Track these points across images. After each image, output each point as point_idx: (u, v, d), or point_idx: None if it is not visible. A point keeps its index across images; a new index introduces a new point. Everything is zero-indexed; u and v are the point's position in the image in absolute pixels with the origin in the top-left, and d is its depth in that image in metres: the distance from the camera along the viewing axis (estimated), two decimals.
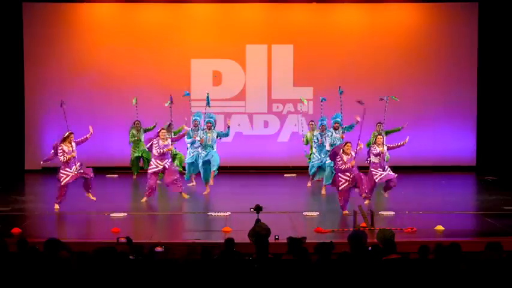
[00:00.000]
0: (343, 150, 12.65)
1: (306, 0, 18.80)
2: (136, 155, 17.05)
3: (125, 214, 12.68)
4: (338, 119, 15.23)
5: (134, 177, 17.14)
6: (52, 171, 18.42)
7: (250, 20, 18.96)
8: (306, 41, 18.83)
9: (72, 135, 13.38)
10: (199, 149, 14.95)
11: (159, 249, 7.90)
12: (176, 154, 16.12)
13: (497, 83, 18.75)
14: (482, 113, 18.88)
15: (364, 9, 18.86)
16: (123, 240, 8.15)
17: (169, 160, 14.20)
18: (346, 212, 12.53)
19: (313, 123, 16.35)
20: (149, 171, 14.11)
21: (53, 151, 13.34)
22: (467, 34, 18.74)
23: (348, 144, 12.73)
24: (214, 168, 14.89)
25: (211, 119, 15.04)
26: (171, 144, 14.18)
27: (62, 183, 13.15)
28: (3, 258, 7.11)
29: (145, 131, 16.87)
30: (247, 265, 7.13)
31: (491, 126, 18.82)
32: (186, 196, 14.26)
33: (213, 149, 14.97)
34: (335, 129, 15.16)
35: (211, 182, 14.96)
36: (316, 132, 15.44)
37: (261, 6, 18.88)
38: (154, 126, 16.58)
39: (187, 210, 13.92)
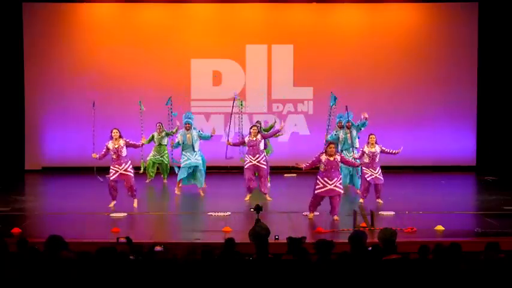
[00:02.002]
0: (325, 151, 12.07)
1: (306, 0, 18.81)
2: (152, 160, 16.40)
3: (125, 214, 12.69)
4: (350, 119, 15.12)
5: (147, 180, 16.43)
6: (52, 171, 18.56)
7: (250, 20, 18.96)
8: (306, 41, 18.83)
9: (115, 132, 13.31)
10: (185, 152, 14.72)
11: (158, 248, 7.89)
12: None
13: (497, 83, 18.76)
14: (482, 113, 18.88)
15: (364, 9, 18.86)
16: (123, 240, 8.14)
17: (262, 156, 14.10)
18: (312, 215, 12.22)
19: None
20: (245, 166, 14.09)
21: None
22: (467, 34, 18.74)
23: (331, 145, 12.15)
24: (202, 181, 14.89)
25: (190, 120, 14.86)
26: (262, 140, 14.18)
27: (110, 179, 13.22)
28: (3, 258, 7.11)
29: (168, 134, 16.18)
30: (248, 265, 7.13)
31: (491, 126, 18.83)
32: (269, 199, 14.03)
33: (194, 149, 14.65)
34: (347, 127, 14.92)
35: (204, 185, 14.93)
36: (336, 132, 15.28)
37: (261, 6, 18.88)
38: (176, 130, 15.95)
39: (187, 210, 13.92)
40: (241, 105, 15.88)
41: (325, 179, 12.05)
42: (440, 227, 11.30)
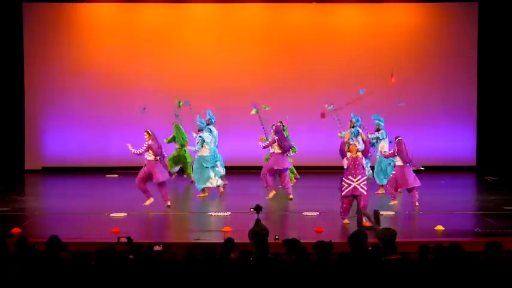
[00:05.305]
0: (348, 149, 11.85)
1: (306, 0, 18.80)
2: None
3: (125, 214, 12.69)
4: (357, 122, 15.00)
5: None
6: (52, 171, 18.55)
7: (250, 20, 18.95)
8: (306, 41, 18.82)
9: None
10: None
11: (157, 248, 7.89)
12: None
13: (497, 83, 18.75)
14: (482, 113, 18.88)
15: (364, 9, 18.86)
16: (123, 240, 8.14)
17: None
18: (346, 220, 11.82)
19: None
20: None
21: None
22: (467, 34, 18.73)
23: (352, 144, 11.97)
24: None
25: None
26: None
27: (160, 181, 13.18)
28: (3, 258, 7.11)
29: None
30: (248, 265, 7.13)
31: (491, 126, 18.82)
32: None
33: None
34: (352, 126, 14.81)
35: None
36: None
37: (261, 6, 18.86)
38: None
39: (188, 210, 13.92)
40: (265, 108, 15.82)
41: (350, 176, 11.73)
42: (440, 227, 11.31)
